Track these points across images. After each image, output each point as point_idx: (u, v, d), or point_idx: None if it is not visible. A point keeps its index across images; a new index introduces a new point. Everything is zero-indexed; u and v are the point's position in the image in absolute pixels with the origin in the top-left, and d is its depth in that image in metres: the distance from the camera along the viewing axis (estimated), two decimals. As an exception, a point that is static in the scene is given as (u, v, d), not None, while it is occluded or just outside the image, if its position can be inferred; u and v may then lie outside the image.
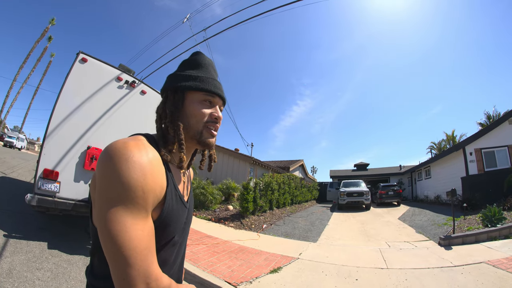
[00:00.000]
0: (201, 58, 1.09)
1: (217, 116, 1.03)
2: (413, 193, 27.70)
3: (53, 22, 39.24)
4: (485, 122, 25.95)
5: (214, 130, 1.03)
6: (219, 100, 1.06)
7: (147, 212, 0.76)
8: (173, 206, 0.89)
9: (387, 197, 20.37)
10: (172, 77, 1.04)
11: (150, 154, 0.82)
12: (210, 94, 1.01)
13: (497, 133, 15.07)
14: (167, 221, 0.87)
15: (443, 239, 6.78)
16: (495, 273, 4.43)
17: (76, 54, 5.72)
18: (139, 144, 0.81)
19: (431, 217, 11.68)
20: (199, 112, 0.99)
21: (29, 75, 38.81)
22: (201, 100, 1.00)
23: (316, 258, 5.90)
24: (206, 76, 1.03)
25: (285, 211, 14.02)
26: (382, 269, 5.10)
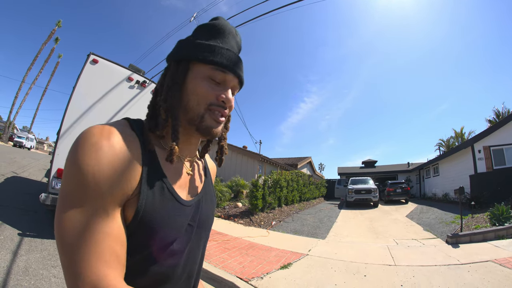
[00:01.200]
0: (220, 24, 0.85)
1: (226, 98, 0.81)
2: (421, 190, 27.62)
3: (59, 25, 39.78)
4: (494, 119, 25.78)
5: (220, 115, 0.82)
6: (233, 78, 0.83)
7: (105, 211, 0.61)
8: (155, 205, 0.71)
9: (395, 195, 20.37)
10: (179, 43, 0.84)
11: (115, 138, 0.66)
12: (220, 68, 0.79)
13: (506, 131, 14.98)
14: (148, 223, 0.69)
15: (451, 237, 6.86)
16: (501, 271, 4.52)
17: (87, 55, 5.85)
18: (106, 127, 0.67)
19: (439, 215, 11.73)
20: (202, 90, 0.78)
21: (37, 76, 39.56)
22: (207, 75, 0.79)
23: (325, 254, 6.03)
24: (221, 45, 0.81)
25: (294, 208, 14.15)
26: (390, 266, 5.21)
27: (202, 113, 0.79)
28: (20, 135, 35.52)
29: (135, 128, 0.76)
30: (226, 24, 0.87)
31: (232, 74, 0.82)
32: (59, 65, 46.01)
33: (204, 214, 0.94)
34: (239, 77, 0.85)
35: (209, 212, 0.99)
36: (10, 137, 34.80)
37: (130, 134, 0.72)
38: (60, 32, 45.33)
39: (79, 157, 0.60)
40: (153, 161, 0.75)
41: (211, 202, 1.03)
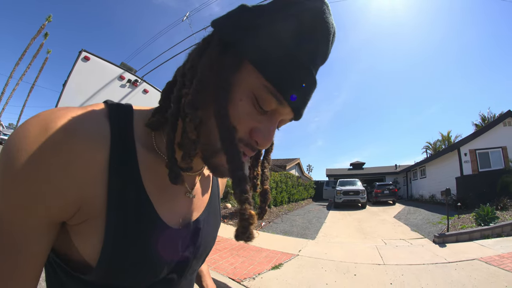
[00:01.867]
0: (323, 17, 0.50)
1: (262, 140, 0.54)
2: (408, 192, 28.02)
3: (49, 19, 39.16)
4: (480, 123, 26.27)
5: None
6: (289, 113, 0.55)
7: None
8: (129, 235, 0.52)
9: (382, 196, 20.64)
10: (240, 12, 0.52)
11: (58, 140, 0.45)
12: (277, 94, 0.50)
13: (491, 135, 15.46)
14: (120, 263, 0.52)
15: (438, 237, 6.98)
16: (487, 269, 4.63)
17: (79, 52, 5.70)
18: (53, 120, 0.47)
19: (426, 215, 11.91)
20: (235, 115, 0.50)
21: (25, 71, 38.89)
22: (255, 92, 0.50)
23: (315, 254, 6.06)
24: (303, 63, 0.50)
25: (283, 209, 14.17)
26: (379, 265, 5.28)
27: (218, 148, 0.51)
28: (6, 132, 34.51)
29: (114, 120, 0.54)
30: (329, 16, 0.51)
31: (291, 109, 0.53)
32: (48, 61, 45.23)
33: (204, 240, 0.72)
34: (298, 115, 0.56)
35: (211, 236, 0.78)
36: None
37: (96, 131, 0.50)
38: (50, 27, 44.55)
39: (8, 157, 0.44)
40: (130, 172, 0.53)
41: (214, 223, 0.80)
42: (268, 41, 0.48)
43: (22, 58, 36.83)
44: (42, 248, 0.49)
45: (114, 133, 0.52)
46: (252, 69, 0.49)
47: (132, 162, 0.53)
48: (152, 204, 0.55)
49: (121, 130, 0.53)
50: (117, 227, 0.50)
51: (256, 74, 0.49)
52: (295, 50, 0.49)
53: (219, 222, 0.86)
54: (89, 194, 0.48)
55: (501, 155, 15.06)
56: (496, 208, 9.17)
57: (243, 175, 0.46)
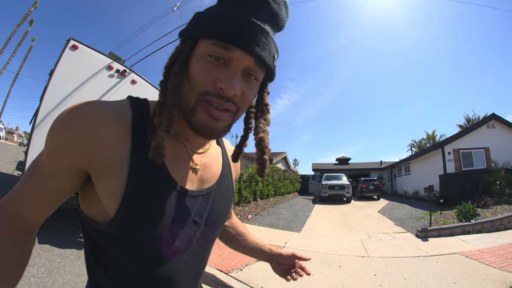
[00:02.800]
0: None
1: (226, 84, 0.58)
2: (392, 188, 28.46)
3: (36, 6, 37.81)
4: (465, 124, 26.82)
5: (216, 108, 0.61)
6: (245, 56, 0.59)
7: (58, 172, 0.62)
8: (145, 191, 0.62)
9: (367, 191, 20.93)
10: (194, 16, 0.65)
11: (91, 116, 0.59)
12: (224, 43, 0.57)
13: (475, 136, 15.82)
14: (138, 212, 0.61)
15: (420, 231, 7.15)
16: (467, 262, 4.77)
17: (67, 40, 5.53)
18: (89, 104, 0.61)
19: (409, 211, 12.13)
20: (194, 73, 0.60)
21: (9, 60, 37.62)
22: (207, 53, 0.59)
23: (301, 247, 6.14)
24: (230, 13, 0.59)
25: (269, 202, 14.24)
26: (364, 257, 5.38)
27: (192, 105, 0.61)
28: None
29: (135, 107, 0.67)
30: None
31: (242, 50, 0.57)
32: (33, 50, 43.81)
33: (215, 211, 0.79)
34: (255, 55, 0.59)
35: (222, 209, 0.83)
36: None
37: (118, 113, 0.63)
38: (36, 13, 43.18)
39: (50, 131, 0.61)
40: (148, 141, 0.60)
41: (226, 198, 0.86)
42: (208, 15, 0.61)
43: (6, 46, 35.64)
44: (64, 186, 0.64)
45: (135, 113, 0.66)
46: (204, 41, 0.60)
47: (148, 133, 0.62)
48: (167, 168, 0.67)
49: (140, 112, 0.67)
50: (136, 183, 0.61)
51: (206, 41, 0.59)
52: (227, 8, 0.60)
53: (231, 199, 0.91)
54: (110, 153, 0.61)
55: (484, 155, 15.45)
56: (478, 205, 9.40)
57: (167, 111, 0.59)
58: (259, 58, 0.60)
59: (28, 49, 43.29)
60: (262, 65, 0.62)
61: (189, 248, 0.73)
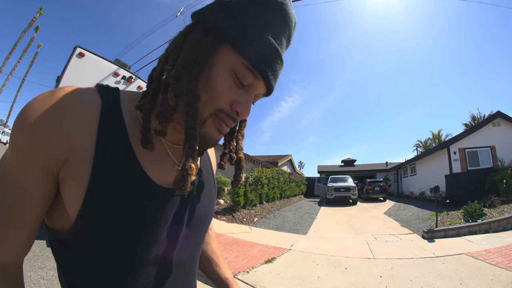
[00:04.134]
0: (285, 5, 0.58)
1: (242, 111, 0.60)
2: (398, 189, 28.28)
3: (41, 12, 38.44)
4: (470, 123, 26.61)
5: (225, 126, 0.62)
6: (262, 88, 0.61)
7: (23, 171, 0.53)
8: (114, 188, 0.54)
9: (373, 193, 20.88)
10: (217, 4, 0.59)
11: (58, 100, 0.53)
12: (254, 71, 0.57)
13: (480, 134, 15.70)
14: (105, 213, 0.54)
15: (427, 232, 7.15)
16: (474, 263, 4.76)
17: (74, 48, 5.67)
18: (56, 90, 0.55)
19: (416, 212, 12.10)
20: (217, 87, 0.57)
21: (15, 66, 38.28)
22: (233, 69, 0.57)
23: (307, 249, 6.15)
24: (271, 41, 0.57)
25: (275, 205, 14.23)
26: (370, 259, 5.40)
27: (204, 118, 0.59)
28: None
29: (104, 94, 0.60)
30: (291, 8, 0.60)
31: (264, 83, 0.60)
32: (39, 55, 44.53)
33: (198, 211, 0.73)
34: (271, 90, 0.63)
35: (205, 209, 0.77)
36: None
37: (87, 98, 0.57)
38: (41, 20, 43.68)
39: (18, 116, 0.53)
40: (119, 135, 0.58)
41: (208, 197, 0.79)
42: (244, 25, 0.55)
43: (12, 52, 36.14)
44: (40, 196, 0.55)
45: (104, 100, 0.58)
46: (230, 49, 0.56)
47: (120, 126, 0.58)
48: (138, 161, 0.58)
49: (110, 101, 0.60)
50: (101, 178, 0.53)
51: (235, 54, 0.56)
52: (267, 35, 0.56)
53: (213, 196, 0.83)
54: (78, 145, 0.53)
55: (490, 154, 15.34)
56: (484, 205, 9.34)
57: (195, 134, 0.54)
58: (271, 91, 0.64)
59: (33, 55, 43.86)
60: (269, 93, 0.65)
61: (170, 256, 0.65)
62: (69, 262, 0.60)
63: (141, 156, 0.59)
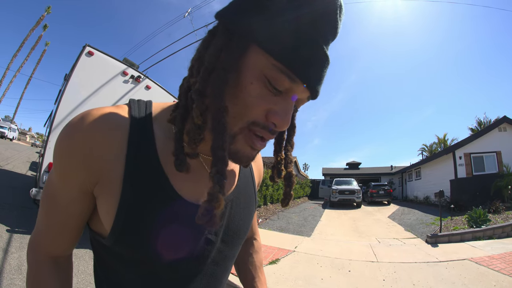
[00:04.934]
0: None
1: (280, 122, 0.52)
2: (403, 193, 28.23)
3: (49, 11, 38.77)
4: (476, 127, 26.46)
5: (259, 141, 0.55)
6: (304, 91, 0.52)
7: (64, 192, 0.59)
8: (143, 205, 0.55)
9: (377, 196, 20.85)
10: (239, 2, 0.51)
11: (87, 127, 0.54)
12: (290, 73, 0.48)
13: (486, 139, 15.67)
14: (136, 231, 0.55)
15: (430, 237, 7.16)
16: (477, 269, 4.79)
17: (83, 47, 5.71)
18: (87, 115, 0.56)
19: (420, 216, 12.10)
20: (247, 97, 0.50)
21: (23, 63, 38.71)
22: (266, 74, 0.49)
23: (311, 251, 6.20)
24: (311, 36, 0.48)
25: (279, 207, 14.26)
26: (373, 262, 5.44)
27: (235, 132, 0.52)
28: (2, 125, 34.29)
29: (134, 113, 0.60)
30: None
31: (305, 87, 0.51)
32: (46, 53, 44.99)
33: (233, 224, 0.70)
34: (316, 95, 0.54)
35: (242, 221, 0.73)
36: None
37: (117, 123, 0.57)
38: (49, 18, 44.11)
39: (56, 143, 0.58)
40: (149, 154, 0.57)
41: (247, 209, 0.75)
42: (273, 21, 0.47)
43: (20, 49, 36.59)
44: (80, 209, 0.61)
45: (133, 118, 0.59)
46: (260, 51, 0.48)
47: (149, 143, 0.58)
48: (168, 179, 0.58)
49: (140, 117, 0.60)
50: (131, 198, 0.55)
51: (264, 55, 0.48)
52: (301, 26, 0.47)
53: (253, 209, 0.79)
54: (108, 167, 0.55)
55: (495, 159, 15.28)
56: (489, 211, 9.34)
57: (223, 155, 0.46)
58: (316, 96, 0.55)
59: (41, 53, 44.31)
60: (314, 97, 0.55)
61: (203, 269, 0.65)
62: (104, 259, 0.65)
63: (172, 173, 0.58)
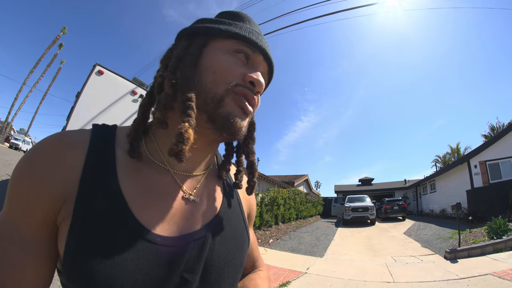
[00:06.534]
0: (244, 14, 0.69)
1: (255, 79, 0.60)
2: (418, 207, 27.60)
3: (64, 31, 40.26)
4: (489, 133, 26.06)
5: (247, 102, 0.60)
6: (263, 62, 0.65)
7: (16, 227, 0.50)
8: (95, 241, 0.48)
9: (392, 212, 20.30)
10: (198, 20, 0.68)
11: (45, 149, 0.52)
12: (248, 45, 0.62)
13: (501, 145, 15.19)
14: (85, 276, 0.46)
15: (449, 252, 6.83)
16: (501, 283, 4.50)
17: (93, 66, 5.79)
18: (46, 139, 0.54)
19: (437, 231, 11.70)
20: (223, 64, 0.59)
21: (39, 80, 39.92)
22: (231, 50, 0.61)
23: (323, 272, 5.96)
24: (247, 26, 0.64)
25: (291, 226, 14.07)
26: (389, 283, 5.16)
27: (221, 95, 0.57)
28: (17, 137, 35.27)
29: (95, 134, 0.58)
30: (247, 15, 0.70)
31: (262, 56, 0.64)
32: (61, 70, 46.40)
33: (217, 259, 0.60)
34: (269, 62, 0.66)
35: (230, 255, 0.62)
36: (7, 138, 34.48)
37: (73, 142, 0.54)
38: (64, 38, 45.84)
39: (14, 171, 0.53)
40: (105, 174, 0.53)
41: (234, 240, 0.66)
42: (224, 22, 0.63)
43: (36, 66, 37.90)
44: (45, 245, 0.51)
45: (93, 140, 0.56)
46: (221, 39, 0.62)
47: (108, 163, 0.54)
48: (127, 206, 0.52)
49: (101, 139, 0.57)
50: (81, 228, 0.48)
51: (227, 40, 0.62)
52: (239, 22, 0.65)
53: (243, 239, 0.69)
54: (66, 191, 0.50)
55: (512, 165, 14.80)
56: (509, 220, 9.00)
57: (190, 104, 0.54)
58: (270, 63, 0.67)
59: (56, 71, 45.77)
60: (271, 70, 0.68)
61: None
62: None
63: (132, 194, 0.54)
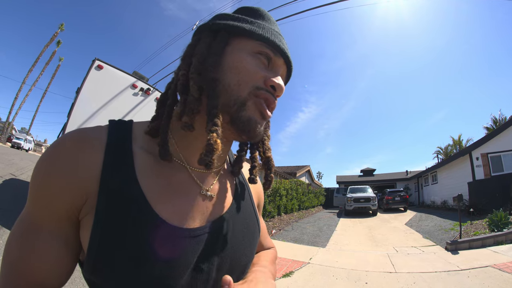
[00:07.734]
0: (263, 10, 0.69)
1: (276, 84, 0.61)
2: (419, 198, 27.64)
3: (62, 28, 40.10)
4: (492, 126, 25.97)
5: (267, 106, 0.62)
6: (283, 65, 0.66)
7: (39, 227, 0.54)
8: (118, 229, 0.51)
9: (393, 203, 20.36)
10: (218, 15, 0.67)
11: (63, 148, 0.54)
12: (270, 47, 0.62)
13: (503, 137, 15.13)
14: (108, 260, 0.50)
15: (450, 244, 6.91)
16: (501, 276, 4.57)
17: (92, 61, 5.80)
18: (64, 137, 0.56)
19: (438, 222, 11.76)
20: (248, 67, 0.60)
21: (38, 78, 40.07)
22: (254, 51, 0.61)
23: (326, 262, 6.05)
24: (269, 26, 0.65)
25: (293, 217, 14.13)
26: (391, 273, 5.25)
27: (244, 98, 0.58)
28: (18, 136, 35.35)
29: (112, 130, 0.59)
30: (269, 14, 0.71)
31: (283, 60, 0.65)
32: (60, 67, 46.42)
33: (230, 247, 0.63)
34: (289, 66, 0.68)
35: (241, 244, 0.67)
36: (8, 138, 34.72)
37: (92, 139, 0.56)
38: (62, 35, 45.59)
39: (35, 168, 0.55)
40: (123, 171, 0.55)
41: (246, 230, 0.70)
42: (246, 20, 0.64)
43: (35, 64, 37.82)
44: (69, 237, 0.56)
45: (111, 137, 0.57)
46: (243, 39, 0.62)
47: (126, 161, 0.56)
48: (146, 200, 0.54)
49: (118, 136, 0.59)
50: (104, 222, 0.51)
51: (249, 40, 0.62)
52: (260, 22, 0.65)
53: (254, 230, 0.73)
54: (86, 189, 0.53)
55: (514, 158, 14.77)
56: (510, 213, 9.01)
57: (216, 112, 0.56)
58: (290, 68, 0.69)
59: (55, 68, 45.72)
60: (289, 74, 0.71)
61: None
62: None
63: (151, 190, 0.56)
